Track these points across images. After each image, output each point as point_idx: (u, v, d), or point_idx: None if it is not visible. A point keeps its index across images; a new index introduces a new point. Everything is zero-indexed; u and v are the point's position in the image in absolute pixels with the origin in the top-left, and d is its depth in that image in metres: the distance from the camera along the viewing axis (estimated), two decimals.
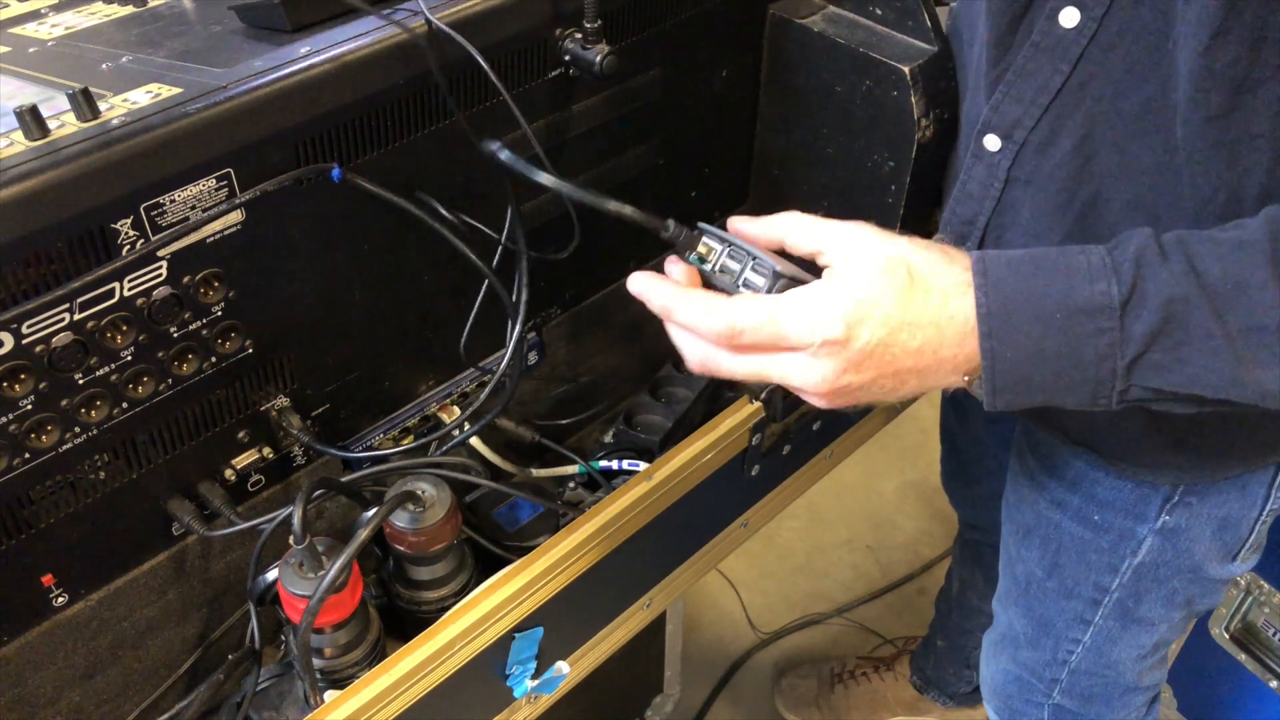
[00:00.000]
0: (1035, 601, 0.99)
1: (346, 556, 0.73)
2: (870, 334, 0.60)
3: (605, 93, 0.95)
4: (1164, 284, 0.58)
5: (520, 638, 0.79)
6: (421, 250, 0.86)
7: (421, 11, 0.77)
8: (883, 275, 0.60)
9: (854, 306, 0.60)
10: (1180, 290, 0.58)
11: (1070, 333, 0.59)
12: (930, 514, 2.03)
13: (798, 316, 0.60)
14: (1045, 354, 0.60)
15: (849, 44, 0.99)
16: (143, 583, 0.82)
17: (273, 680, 0.84)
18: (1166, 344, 0.58)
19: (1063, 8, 0.69)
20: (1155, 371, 0.59)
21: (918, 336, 0.60)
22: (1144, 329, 0.58)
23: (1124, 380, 0.60)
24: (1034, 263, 0.61)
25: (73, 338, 0.67)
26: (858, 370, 0.61)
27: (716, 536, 0.99)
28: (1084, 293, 0.59)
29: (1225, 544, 0.88)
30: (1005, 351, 0.60)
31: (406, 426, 0.96)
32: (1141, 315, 0.58)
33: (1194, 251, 0.59)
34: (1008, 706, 1.11)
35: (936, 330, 0.60)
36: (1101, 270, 0.59)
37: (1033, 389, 0.61)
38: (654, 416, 1.06)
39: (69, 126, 0.66)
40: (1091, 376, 0.60)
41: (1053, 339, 0.59)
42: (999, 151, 0.77)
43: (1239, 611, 1.36)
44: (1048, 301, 0.59)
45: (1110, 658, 0.98)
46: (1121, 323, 0.58)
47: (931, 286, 0.61)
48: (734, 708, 1.72)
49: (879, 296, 0.60)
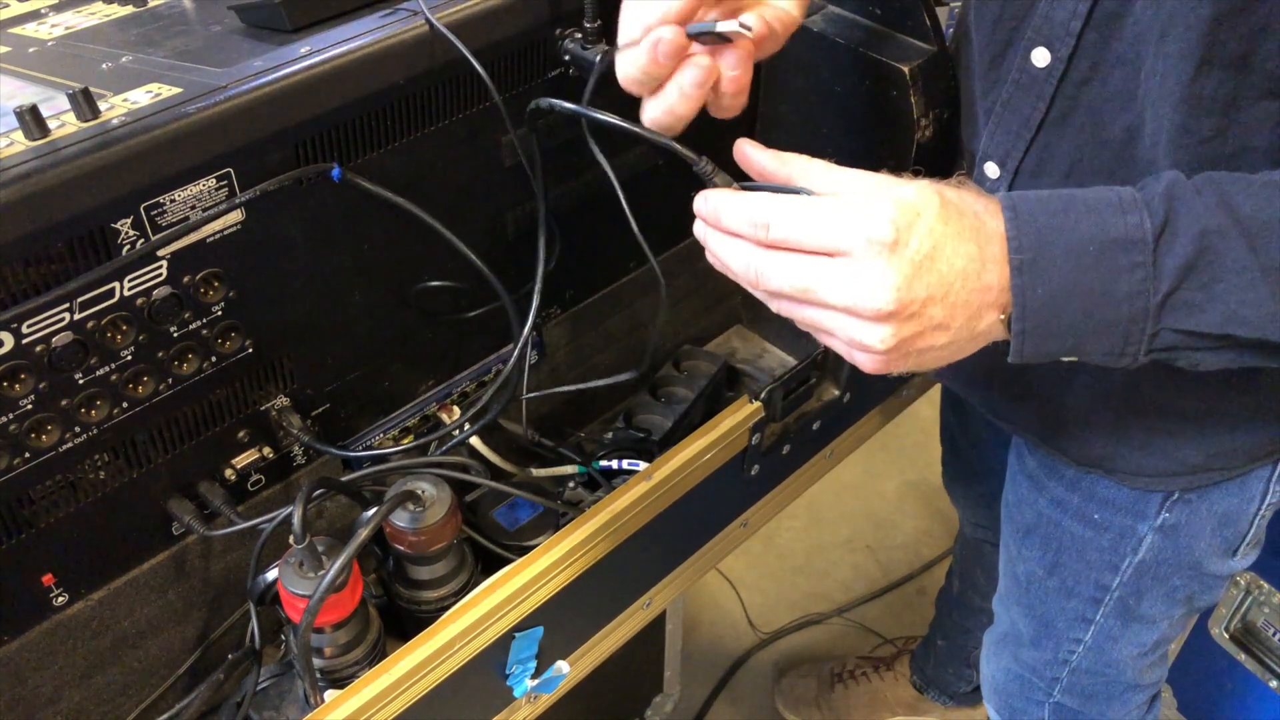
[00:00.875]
0: (1036, 601, 0.99)
1: (346, 556, 0.73)
2: (919, 242, 0.56)
3: (605, 93, 0.95)
4: (1198, 216, 0.57)
5: (520, 637, 0.79)
6: (421, 250, 0.86)
7: (421, 12, 0.77)
8: (917, 192, 0.58)
9: (900, 210, 0.56)
10: (1214, 222, 0.56)
11: (1103, 266, 0.57)
12: (930, 514, 2.03)
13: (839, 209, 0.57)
14: (1077, 289, 0.58)
15: (849, 44, 0.99)
16: (143, 582, 0.82)
17: (273, 680, 0.84)
18: (1200, 280, 0.57)
19: (1034, 48, 0.71)
20: (1188, 311, 0.58)
21: (961, 253, 0.57)
22: (1177, 261, 0.57)
23: (1155, 322, 0.58)
24: (1065, 200, 0.59)
25: (73, 337, 0.67)
26: (916, 284, 0.56)
27: (716, 536, 0.99)
28: (1117, 225, 0.57)
29: (1225, 540, 0.88)
30: (1036, 286, 0.58)
31: (406, 426, 0.96)
32: (1174, 248, 0.57)
33: (1226, 189, 0.58)
34: (1008, 706, 1.11)
35: (978, 248, 0.58)
36: (1133, 203, 0.58)
37: (1062, 330, 0.59)
38: (654, 416, 1.06)
39: (69, 126, 0.66)
40: (1124, 314, 0.58)
41: (1086, 273, 0.57)
42: (998, 179, 0.79)
43: (1239, 611, 1.36)
44: (1079, 235, 0.57)
45: (1111, 656, 0.98)
46: (1155, 255, 0.57)
47: (964, 209, 0.59)
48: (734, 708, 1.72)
49: (922, 206, 0.57)
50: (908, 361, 0.61)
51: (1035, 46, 0.71)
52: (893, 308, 0.56)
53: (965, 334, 0.60)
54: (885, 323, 0.57)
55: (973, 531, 1.39)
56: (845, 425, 1.10)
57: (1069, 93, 0.71)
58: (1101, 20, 0.67)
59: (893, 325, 0.57)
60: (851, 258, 0.56)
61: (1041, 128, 0.74)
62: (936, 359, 0.61)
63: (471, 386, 1.00)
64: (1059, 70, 0.71)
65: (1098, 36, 0.68)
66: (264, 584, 0.79)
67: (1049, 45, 0.70)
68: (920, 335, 0.58)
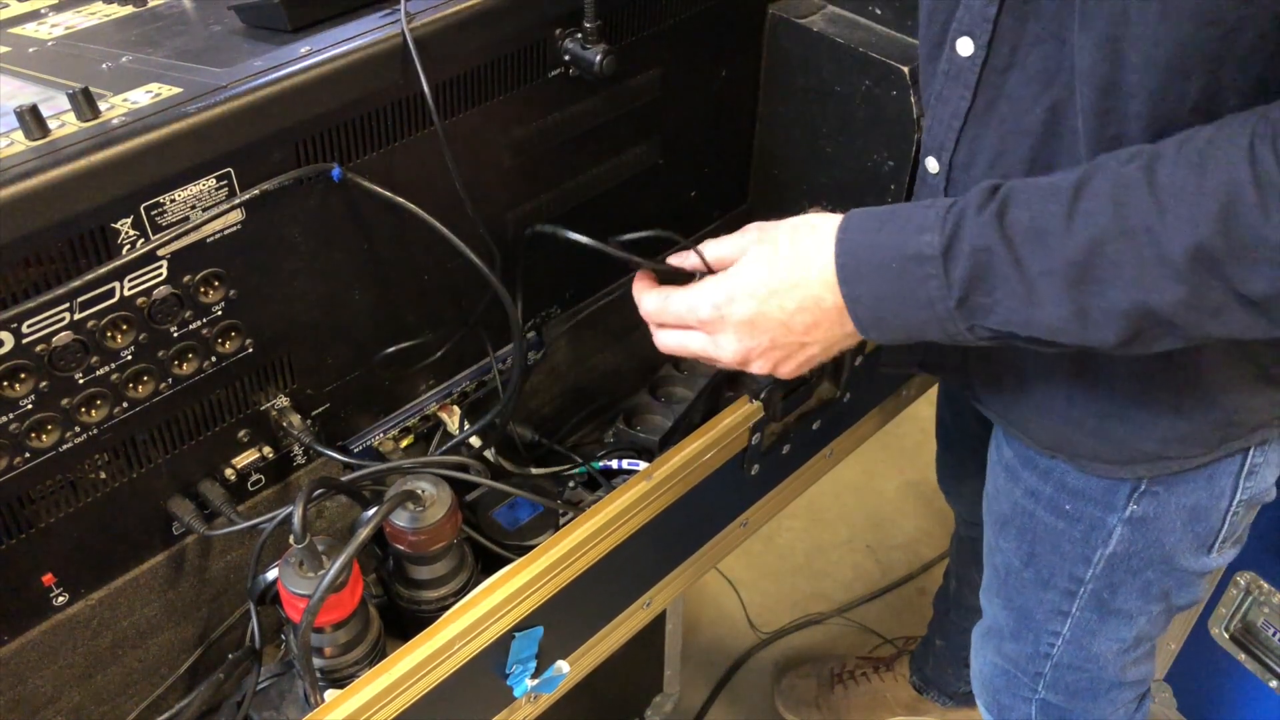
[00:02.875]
0: (1014, 592, 1.00)
1: (347, 556, 0.73)
2: (741, 309, 0.73)
3: (605, 93, 0.95)
4: (973, 234, 0.65)
5: (520, 637, 0.79)
6: (421, 250, 0.86)
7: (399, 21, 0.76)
8: (751, 261, 0.73)
9: (723, 291, 0.74)
10: (984, 240, 0.64)
11: (906, 278, 0.67)
12: (930, 514, 2.03)
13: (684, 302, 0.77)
14: (889, 297, 0.68)
15: (849, 44, 0.99)
16: (143, 582, 0.82)
17: (273, 680, 0.84)
18: (981, 288, 0.65)
19: (958, 38, 0.73)
20: (981, 314, 0.66)
21: (793, 297, 0.71)
22: (960, 274, 0.65)
23: (963, 320, 0.66)
24: (884, 218, 0.69)
25: (73, 337, 0.68)
26: (751, 337, 0.74)
27: (716, 536, 1.00)
28: (914, 243, 0.66)
29: (1198, 535, 0.89)
30: (859, 295, 0.69)
31: (406, 426, 0.97)
32: (958, 262, 0.65)
33: (1011, 200, 0.64)
34: (996, 702, 1.11)
35: (808, 292, 0.71)
36: (933, 222, 0.66)
37: (893, 326, 0.69)
38: (654, 416, 1.06)
39: (69, 126, 0.67)
40: (932, 316, 0.67)
41: (890, 284, 0.67)
42: (937, 174, 0.81)
43: (1239, 611, 1.36)
44: (887, 252, 0.67)
45: (1091, 650, 0.98)
46: (945, 269, 0.65)
47: (797, 255, 0.71)
48: (734, 708, 1.72)
49: (744, 277, 0.73)
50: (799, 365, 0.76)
51: (959, 36, 0.73)
52: (741, 357, 0.75)
53: (834, 336, 0.73)
54: (751, 362, 0.76)
55: (967, 529, 1.39)
56: (845, 425, 1.10)
57: (992, 80, 0.73)
58: (1014, 3, 0.69)
59: (757, 361, 0.76)
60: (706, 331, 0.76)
61: (968, 119, 0.76)
62: (823, 356, 0.76)
63: (471, 386, 1.00)
64: (981, 57, 0.73)
65: (1012, 21, 0.70)
66: (264, 583, 0.79)
67: (970, 34, 0.72)
68: (788, 356, 0.75)
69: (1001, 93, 0.73)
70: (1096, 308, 0.62)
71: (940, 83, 0.77)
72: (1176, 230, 0.58)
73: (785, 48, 1.06)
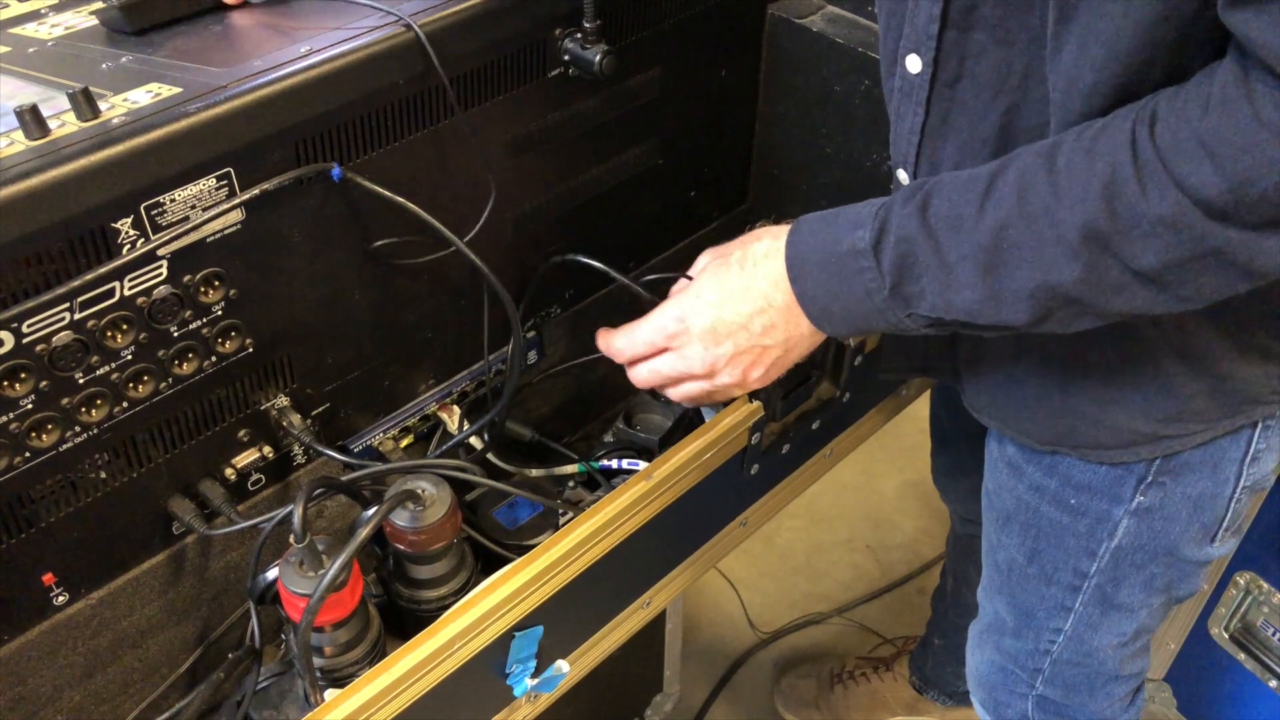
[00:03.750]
0: (1017, 589, 1.00)
1: (347, 555, 0.73)
2: (702, 318, 0.77)
3: (605, 92, 0.95)
4: (899, 225, 0.68)
5: (520, 636, 0.79)
6: (421, 249, 0.86)
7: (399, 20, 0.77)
8: (705, 274, 0.78)
9: (683, 304, 0.78)
10: (907, 230, 0.67)
11: (844, 272, 0.70)
12: (930, 513, 2.03)
13: (647, 325, 0.81)
14: (832, 292, 0.71)
15: (849, 44, 0.99)
16: (143, 582, 0.82)
17: (273, 679, 0.84)
18: (908, 276, 0.68)
19: (908, 55, 0.75)
20: (913, 301, 0.69)
21: (747, 299, 0.75)
22: (889, 265, 0.68)
23: (898, 309, 0.69)
24: (830, 218, 0.72)
25: (73, 337, 0.68)
26: (716, 344, 0.77)
27: (716, 535, 0.99)
28: (849, 239, 0.70)
29: (1202, 524, 0.89)
30: (807, 291, 0.73)
31: (406, 426, 0.97)
32: (887, 253, 0.68)
33: (934, 191, 0.67)
34: (992, 698, 1.11)
35: (759, 293, 0.74)
36: (866, 218, 0.70)
37: (840, 319, 0.73)
38: (654, 416, 1.06)
39: (69, 126, 0.67)
40: (871, 307, 0.70)
41: (832, 279, 0.71)
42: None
43: (1239, 611, 1.36)
44: (827, 249, 0.71)
45: (1091, 645, 0.98)
46: (876, 261, 0.69)
47: (746, 261, 0.75)
48: (734, 707, 1.72)
49: (700, 290, 0.77)
50: (766, 370, 0.79)
51: (908, 54, 0.75)
52: (708, 366, 0.78)
53: (794, 335, 0.76)
54: (718, 376, 0.79)
55: (963, 527, 1.39)
56: (844, 425, 1.10)
57: (944, 94, 0.75)
58: (957, 17, 0.70)
59: (725, 370, 0.78)
60: (673, 346, 0.80)
61: (925, 133, 0.78)
62: (789, 360, 0.79)
63: (471, 386, 1.01)
64: (929, 74, 0.74)
65: (957, 34, 0.71)
66: (264, 583, 0.79)
67: (917, 51, 0.74)
68: (755, 361, 0.78)
69: (954, 105, 0.75)
70: (1007, 289, 0.65)
71: (896, 99, 0.79)
72: (1069, 211, 0.62)
73: (785, 48, 1.06)
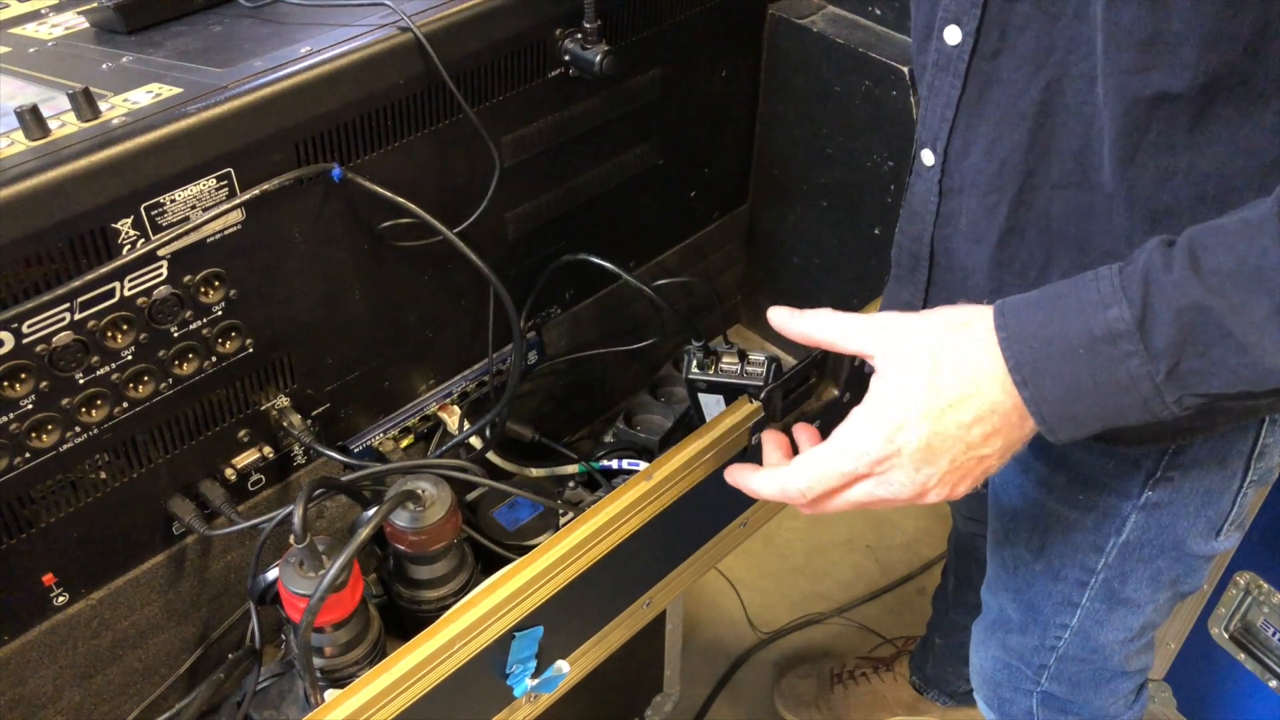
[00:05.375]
0: (1024, 585, 1.00)
1: (347, 555, 0.73)
2: (915, 434, 0.64)
3: (605, 93, 0.95)
4: (1171, 296, 0.58)
5: (520, 637, 0.79)
6: (421, 250, 0.86)
7: (404, 19, 0.77)
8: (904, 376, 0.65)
9: (891, 420, 0.65)
10: (1189, 298, 0.58)
11: (1098, 362, 0.60)
12: (930, 513, 2.02)
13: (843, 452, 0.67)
14: (1082, 388, 0.61)
15: (849, 44, 0.99)
16: (143, 582, 0.82)
17: (273, 679, 0.84)
18: (1194, 350, 0.58)
19: (946, 26, 0.72)
20: (1198, 379, 0.59)
21: (968, 409, 0.64)
22: (1165, 343, 0.59)
23: (1172, 392, 0.60)
24: (1050, 302, 0.62)
25: (73, 337, 0.68)
26: (929, 463, 0.66)
27: (716, 536, 0.99)
28: (1100, 321, 0.60)
29: (1209, 519, 0.89)
30: (1045, 394, 0.62)
31: (406, 426, 0.97)
32: (1159, 330, 0.59)
33: (1200, 246, 0.58)
34: (997, 695, 1.11)
35: (982, 397, 0.64)
36: (1112, 295, 0.60)
37: (1086, 419, 0.63)
38: (654, 416, 1.06)
39: (69, 126, 0.67)
40: (1136, 398, 0.61)
41: (1084, 373, 0.61)
42: (932, 166, 0.80)
43: (1239, 611, 1.36)
44: (1069, 339, 0.61)
45: (1098, 641, 0.98)
46: (1144, 343, 0.59)
47: (959, 359, 0.64)
48: (734, 707, 1.72)
49: (909, 396, 0.65)
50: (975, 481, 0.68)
51: (947, 25, 0.72)
52: (917, 490, 0.67)
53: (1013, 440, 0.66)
54: (929, 493, 0.67)
55: (965, 525, 1.39)
56: None
57: (982, 68, 0.72)
58: None
59: (935, 490, 0.67)
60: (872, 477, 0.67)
61: (960, 108, 0.74)
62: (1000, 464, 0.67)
63: (471, 386, 1.00)
64: (969, 45, 0.71)
65: (1002, 3, 0.69)
66: (264, 583, 0.79)
67: (958, 21, 0.71)
68: (967, 474, 0.67)
69: (993, 78, 0.72)
70: None
71: (931, 73, 0.75)
72: None
73: (785, 48, 1.06)
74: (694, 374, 0.91)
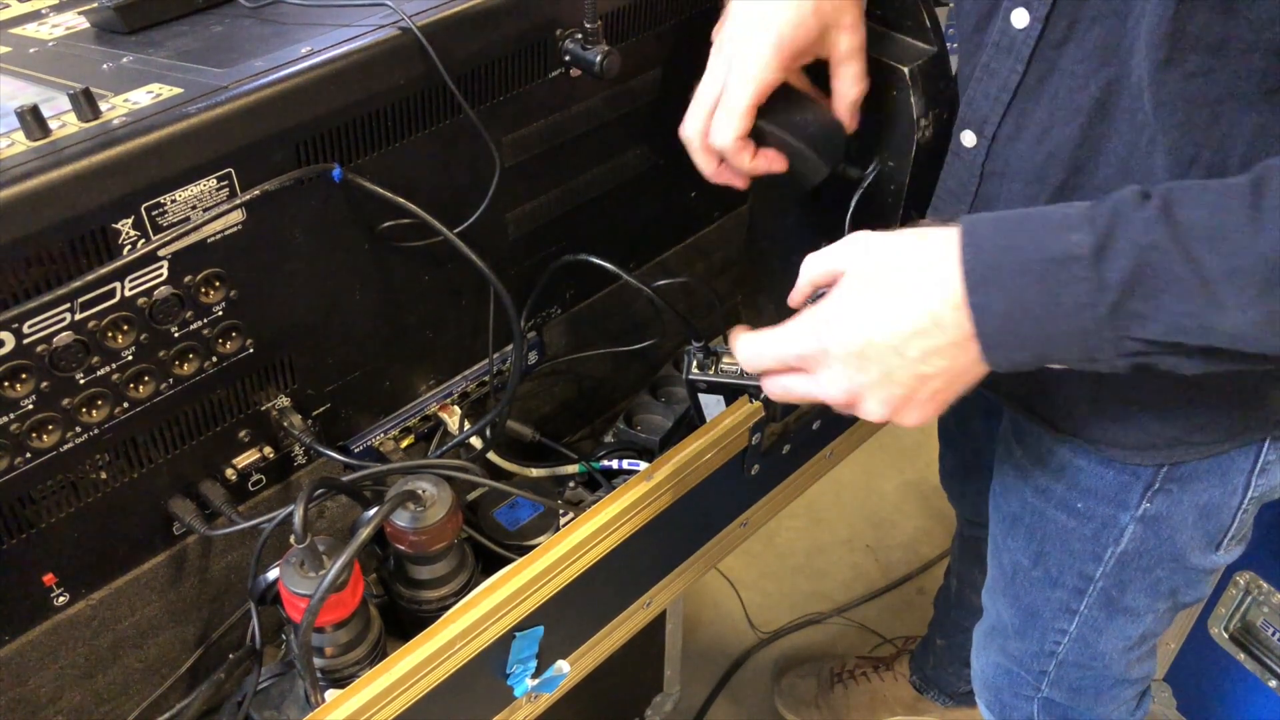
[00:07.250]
0: (1022, 591, 1.00)
1: (348, 556, 0.73)
2: (843, 333, 0.65)
3: (606, 93, 0.95)
4: (1137, 231, 0.59)
5: (521, 637, 0.79)
6: (422, 250, 0.87)
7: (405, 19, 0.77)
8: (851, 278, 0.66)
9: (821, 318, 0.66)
10: (1153, 236, 0.58)
11: (1048, 282, 0.60)
12: (930, 513, 2.03)
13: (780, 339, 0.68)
14: (1028, 305, 0.61)
15: None
16: (144, 582, 0.82)
17: (274, 679, 0.84)
18: (1143, 291, 0.59)
19: (1014, 9, 0.72)
20: (1139, 322, 0.59)
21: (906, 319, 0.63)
22: (1118, 276, 0.59)
23: (1113, 329, 0.60)
24: (1018, 220, 0.62)
25: (74, 337, 0.68)
26: (861, 371, 0.65)
27: (716, 536, 0.99)
28: (1059, 244, 0.60)
29: (1208, 532, 0.89)
30: (991, 304, 0.61)
31: (407, 426, 0.97)
32: (1115, 262, 0.59)
33: (1175, 199, 0.59)
34: (998, 700, 1.11)
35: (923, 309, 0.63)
36: (1078, 221, 0.60)
37: (1024, 341, 0.62)
38: (654, 416, 1.06)
39: (70, 126, 0.67)
40: (1077, 325, 0.60)
41: (1031, 292, 0.60)
42: (974, 147, 0.79)
43: (1239, 611, 1.36)
44: (1026, 255, 0.61)
45: (1097, 649, 0.98)
46: (1096, 270, 0.59)
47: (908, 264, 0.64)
48: (734, 707, 1.72)
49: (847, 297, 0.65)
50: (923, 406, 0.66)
51: (1015, 8, 0.72)
52: (849, 395, 0.66)
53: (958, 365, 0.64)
54: (863, 401, 0.66)
55: (969, 529, 1.39)
56: (845, 425, 1.10)
57: (1046, 55, 0.72)
58: None
59: (870, 400, 0.66)
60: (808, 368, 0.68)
61: (1018, 92, 0.74)
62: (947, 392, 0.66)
63: (471, 386, 1.01)
64: (1037, 31, 0.71)
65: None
66: (265, 583, 0.79)
67: (1028, 5, 0.71)
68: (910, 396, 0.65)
69: (1055, 67, 0.71)
70: None
71: (989, 54, 0.75)
72: None
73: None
74: (694, 374, 0.91)
